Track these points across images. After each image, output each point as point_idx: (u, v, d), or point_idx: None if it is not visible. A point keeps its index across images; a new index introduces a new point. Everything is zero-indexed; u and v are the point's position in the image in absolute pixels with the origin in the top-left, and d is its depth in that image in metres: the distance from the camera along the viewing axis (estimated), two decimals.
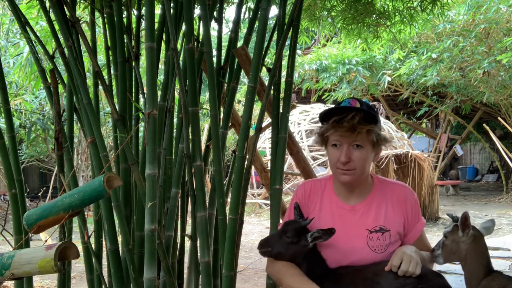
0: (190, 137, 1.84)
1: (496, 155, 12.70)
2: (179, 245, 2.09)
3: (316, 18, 2.91)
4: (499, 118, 9.46)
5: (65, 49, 1.97)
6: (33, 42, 2.18)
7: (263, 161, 2.62)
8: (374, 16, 2.85)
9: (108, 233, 1.88)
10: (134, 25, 2.10)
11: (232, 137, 9.43)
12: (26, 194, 2.27)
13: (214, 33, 2.55)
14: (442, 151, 12.45)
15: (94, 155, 1.93)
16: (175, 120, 2.07)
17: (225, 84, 2.14)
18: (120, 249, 1.89)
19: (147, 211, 1.61)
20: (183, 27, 1.91)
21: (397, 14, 2.83)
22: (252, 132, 1.97)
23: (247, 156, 1.87)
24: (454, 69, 8.08)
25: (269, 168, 2.04)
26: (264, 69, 2.01)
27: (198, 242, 1.88)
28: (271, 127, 1.97)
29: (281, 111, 1.94)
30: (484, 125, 9.29)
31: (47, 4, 2.00)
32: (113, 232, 1.90)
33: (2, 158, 2.12)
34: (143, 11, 1.96)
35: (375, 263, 1.45)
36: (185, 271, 2.15)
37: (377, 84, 9.38)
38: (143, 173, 1.66)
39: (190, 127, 1.84)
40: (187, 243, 2.02)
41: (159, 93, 1.84)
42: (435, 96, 10.59)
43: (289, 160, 7.28)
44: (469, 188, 12.98)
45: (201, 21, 1.94)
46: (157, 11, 2.07)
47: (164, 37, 2.08)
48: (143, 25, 1.91)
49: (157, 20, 1.99)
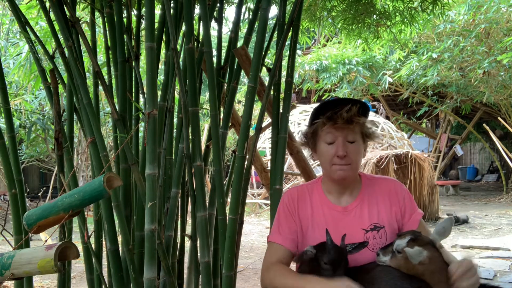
0: (190, 137, 1.84)
1: (496, 155, 12.70)
2: (179, 245, 2.09)
3: (317, 18, 2.91)
4: (499, 118, 9.46)
5: (65, 49, 1.97)
6: (33, 42, 2.18)
7: (263, 161, 2.62)
8: (375, 16, 2.85)
9: (108, 233, 1.88)
10: (134, 25, 2.10)
11: (232, 137, 9.43)
12: (26, 194, 2.27)
13: (214, 33, 2.55)
14: (442, 151, 12.46)
15: (94, 155, 1.93)
16: (175, 120, 2.07)
17: (225, 84, 2.14)
18: (120, 249, 1.88)
19: (147, 211, 1.60)
20: (183, 27, 1.91)
21: (397, 14, 2.83)
22: (252, 132, 1.97)
23: (247, 156, 1.87)
24: (454, 69, 8.08)
25: (269, 168, 2.04)
26: (264, 69, 2.02)
27: (198, 242, 1.88)
28: (271, 127, 1.97)
29: (281, 111, 1.94)
30: (484, 125, 9.30)
31: (47, 4, 2.00)
32: (113, 232, 1.90)
33: (2, 158, 2.12)
34: (143, 11, 1.96)
35: (370, 264, 1.44)
36: (185, 271, 2.15)
37: (377, 84, 9.38)
38: (143, 173, 1.66)
39: (190, 127, 1.84)
40: (187, 243, 2.02)
41: (159, 93, 1.84)
42: (435, 96, 10.59)
43: (289, 160, 7.28)
44: (469, 188, 12.98)
45: (201, 21, 1.94)
46: (157, 11, 2.08)
47: (164, 37, 2.08)
48: (143, 25, 1.91)
49: (157, 20, 1.99)
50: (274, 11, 14.00)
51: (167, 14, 1.75)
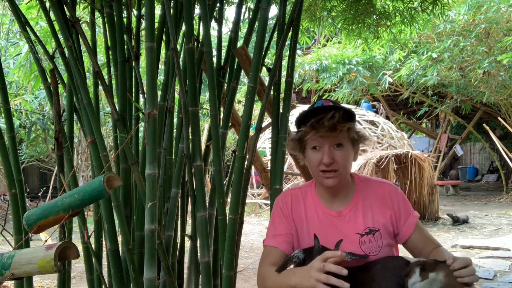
0: (190, 137, 1.84)
1: (496, 155, 12.70)
2: (179, 245, 2.09)
3: (317, 18, 2.91)
4: (499, 118, 9.46)
5: (65, 49, 1.97)
6: (33, 42, 2.18)
7: (263, 161, 2.62)
8: (375, 16, 2.85)
9: (108, 233, 1.88)
10: (134, 25, 2.10)
11: (232, 137, 9.43)
12: (26, 194, 2.27)
13: (214, 33, 2.55)
14: (442, 151, 12.46)
15: (94, 155, 1.93)
16: (175, 120, 2.07)
17: (225, 84, 2.14)
18: (120, 249, 1.88)
19: (147, 211, 1.60)
20: (183, 27, 1.91)
21: (397, 14, 2.83)
22: (252, 132, 1.97)
23: (247, 156, 1.87)
24: (454, 69, 8.08)
25: (269, 168, 2.04)
26: (264, 69, 2.02)
27: (198, 242, 1.88)
28: (271, 127, 1.97)
29: (281, 111, 1.94)
30: (484, 125, 9.29)
31: (47, 4, 2.00)
32: (113, 232, 1.90)
33: (2, 158, 2.12)
34: (143, 11, 1.96)
35: (369, 264, 1.44)
36: (185, 271, 2.15)
37: (377, 84, 9.38)
38: (143, 173, 1.66)
39: (190, 127, 1.84)
40: (187, 243, 2.02)
41: (159, 93, 1.84)
42: (435, 96, 10.59)
43: (289, 160, 7.28)
44: (469, 188, 12.98)
45: (201, 21, 1.94)
46: (157, 11, 2.08)
47: (164, 37, 2.08)
48: (143, 25, 1.91)
49: (157, 20, 1.99)
50: (274, 11, 14.01)
51: (167, 14, 1.75)
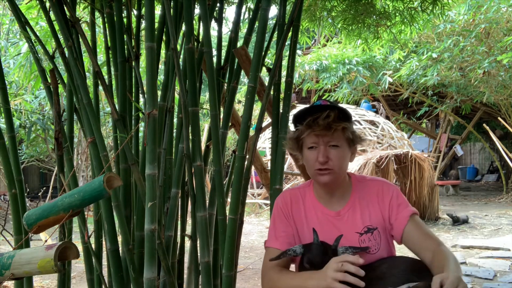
0: (190, 137, 1.84)
1: (496, 155, 12.70)
2: (179, 245, 2.09)
3: (317, 18, 2.91)
4: (499, 118, 9.45)
5: (65, 49, 1.97)
6: (33, 42, 2.18)
7: (263, 161, 2.62)
8: (375, 16, 2.85)
9: (108, 233, 1.88)
10: (134, 25, 2.10)
11: (232, 137, 9.43)
12: (26, 194, 2.27)
13: (214, 33, 2.55)
14: (442, 151, 12.45)
15: (94, 155, 1.93)
16: (175, 120, 2.07)
17: (225, 84, 2.14)
18: (120, 249, 1.88)
19: (147, 211, 1.60)
20: (183, 27, 1.91)
21: (397, 14, 2.83)
22: (252, 132, 1.97)
23: (247, 156, 1.87)
24: (454, 69, 8.08)
25: (269, 168, 2.04)
26: (264, 69, 2.02)
27: (198, 242, 1.88)
28: (271, 127, 1.97)
29: (281, 111, 1.94)
30: (484, 125, 9.29)
31: (47, 4, 2.00)
32: (113, 232, 1.90)
33: (2, 158, 2.12)
34: (143, 11, 1.96)
35: (376, 262, 1.44)
36: (185, 271, 2.15)
37: (377, 84, 9.38)
38: (143, 173, 1.66)
39: (190, 127, 1.84)
40: (187, 243, 2.02)
41: (159, 93, 1.84)
42: (435, 96, 10.59)
43: (289, 160, 7.28)
44: (469, 188, 12.97)
45: (201, 21, 1.94)
46: (157, 11, 2.07)
47: (164, 37, 2.08)
48: (143, 25, 1.91)
49: (157, 20, 1.99)
50: (274, 11, 14.02)
51: (167, 14, 1.75)
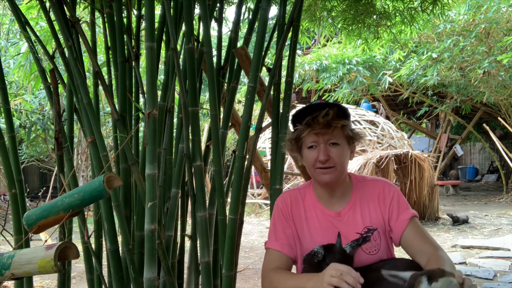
0: (190, 137, 1.84)
1: (496, 155, 12.70)
2: (179, 245, 2.09)
3: (317, 18, 2.91)
4: (499, 118, 9.45)
5: (65, 49, 1.97)
6: (33, 42, 2.18)
7: (263, 161, 2.62)
8: (375, 16, 2.85)
9: (108, 233, 1.88)
10: (134, 25, 2.10)
11: (232, 137, 9.43)
12: (26, 194, 2.27)
13: (214, 33, 2.55)
14: (442, 151, 12.45)
15: (94, 155, 1.93)
16: (175, 120, 2.07)
17: (225, 84, 2.14)
18: (120, 249, 1.88)
19: (147, 211, 1.61)
20: (183, 27, 1.91)
21: (397, 14, 2.83)
22: (252, 132, 1.97)
23: (247, 156, 1.87)
24: (454, 69, 8.08)
25: (269, 168, 2.04)
26: (264, 69, 2.02)
27: (198, 242, 1.88)
28: (271, 127, 1.97)
29: (281, 111, 1.94)
30: (484, 125, 9.29)
31: (47, 4, 2.00)
32: (113, 232, 1.90)
33: (2, 158, 2.12)
34: (143, 11, 1.96)
35: (376, 264, 1.44)
36: (185, 271, 2.15)
37: (377, 84, 9.38)
38: (143, 173, 1.66)
39: (190, 127, 1.84)
40: (187, 243, 2.02)
41: (159, 93, 1.84)
42: (435, 96, 10.59)
43: (289, 160, 7.28)
44: (469, 188, 12.98)
45: (201, 21, 1.94)
46: (157, 11, 2.07)
47: (164, 37, 2.08)
48: (143, 25, 1.91)
49: (157, 20, 1.99)
50: (274, 11, 14.01)
51: (167, 14, 1.75)
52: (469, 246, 5.09)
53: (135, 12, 2.14)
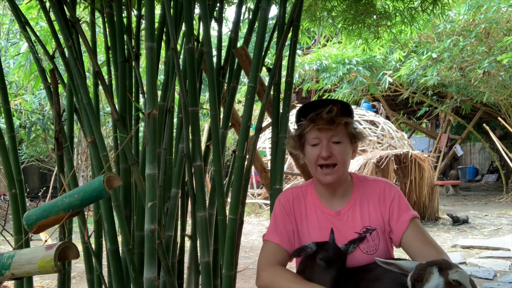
0: (190, 137, 1.84)
1: (496, 155, 12.70)
2: (179, 245, 2.09)
3: (317, 18, 2.91)
4: (499, 118, 9.45)
5: (65, 49, 1.97)
6: (33, 42, 2.18)
7: (263, 161, 2.62)
8: (375, 16, 2.85)
9: (108, 233, 1.88)
10: (134, 25, 2.10)
11: (232, 137, 9.43)
12: (26, 194, 2.27)
13: (214, 33, 2.55)
14: (442, 151, 12.45)
15: (94, 155, 1.93)
16: (175, 120, 2.07)
17: (225, 84, 2.14)
18: (120, 249, 1.88)
19: (147, 211, 1.60)
20: (183, 27, 1.91)
21: (397, 14, 2.83)
22: (252, 132, 1.97)
23: (247, 156, 1.87)
24: (454, 69, 8.08)
25: (269, 168, 2.04)
26: (264, 69, 2.02)
27: (198, 242, 1.88)
28: (271, 127, 1.97)
29: (281, 111, 1.94)
30: (484, 125, 9.29)
31: (47, 4, 2.00)
32: (113, 232, 1.90)
33: (2, 158, 2.12)
34: (143, 11, 1.96)
35: (373, 264, 1.44)
36: (185, 271, 2.15)
37: (377, 84, 9.38)
38: (143, 173, 1.66)
39: (190, 127, 1.84)
40: (187, 243, 2.02)
41: (159, 93, 1.84)
42: (435, 96, 10.59)
43: (289, 160, 7.27)
44: (469, 188, 12.97)
45: (201, 21, 1.94)
46: (157, 11, 2.07)
47: (164, 37, 2.08)
48: (143, 25, 1.91)
49: (157, 20, 1.99)
50: (274, 11, 14.00)
51: (167, 14, 1.75)
52: (469, 246, 5.09)
53: (135, 12, 2.14)
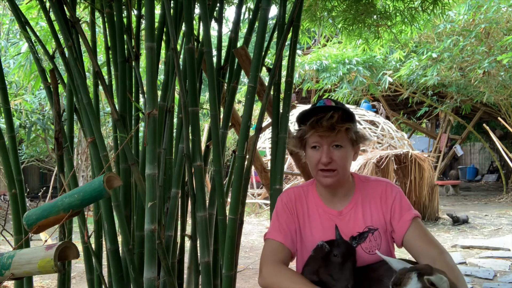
0: (190, 137, 1.84)
1: (496, 155, 12.70)
2: (179, 245, 2.09)
3: (317, 18, 2.91)
4: (499, 118, 9.45)
5: (65, 49, 1.97)
6: (33, 42, 2.18)
7: (263, 161, 2.62)
8: (375, 16, 2.85)
9: (108, 233, 1.88)
10: (134, 25, 2.10)
11: (232, 137, 9.43)
12: (26, 194, 2.27)
13: (214, 33, 2.55)
14: (442, 151, 12.45)
15: (94, 155, 1.93)
16: (175, 120, 2.07)
17: (225, 84, 2.14)
18: (120, 249, 1.88)
19: (147, 211, 1.60)
20: (183, 27, 1.91)
21: (398, 14, 2.83)
22: (252, 132, 1.97)
23: (247, 156, 1.87)
24: (454, 69, 8.08)
25: (269, 168, 2.04)
26: (264, 69, 2.02)
27: (198, 242, 1.88)
28: (271, 127, 1.97)
29: (281, 111, 1.94)
30: (484, 125, 9.29)
31: (47, 4, 2.00)
32: (113, 232, 1.90)
33: (2, 158, 2.12)
34: (143, 11, 1.96)
35: (375, 264, 1.44)
36: (185, 271, 2.15)
37: (377, 84, 9.38)
38: (143, 173, 1.66)
39: (190, 127, 1.84)
40: (187, 243, 2.02)
41: (159, 93, 1.84)
42: (435, 96, 10.59)
43: (289, 160, 7.27)
44: (469, 188, 12.97)
45: (201, 21, 1.94)
46: (157, 11, 2.07)
47: (164, 37, 2.08)
48: (143, 25, 1.91)
49: (157, 20, 1.99)
50: (274, 11, 14.00)
51: (167, 14, 1.75)
52: (469, 246, 5.09)
53: (135, 12, 2.14)
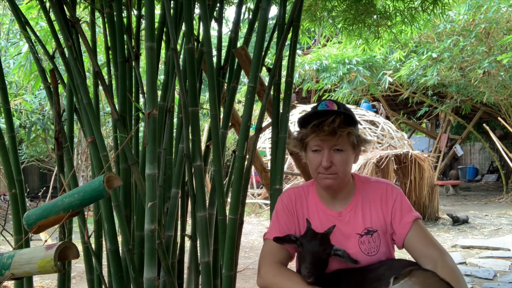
0: (190, 137, 1.84)
1: (496, 155, 12.70)
2: (179, 245, 2.09)
3: (317, 18, 2.91)
4: (499, 118, 9.45)
5: (65, 49, 1.97)
6: (33, 42, 2.18)
7: (263, 161, 2.62)
8: (375, 16, 2.85)
9: (108, 233, 1.88)
10: (134, 25, 2.10)
11: (232, 137, 9.43)
12: (26, 194, 2.27)
13: (214, 33, 2.55)
14: (442, 151, 12.45)
15: (94, 155, 1.93)
16: (175, 120, 2.07)
17: (225, 84, 2.14)
18: (120, 249, 1.88)
19: (147, 211, 1.60)
20: (183, 27, 1.91)
21: (398, 14, 2.83)
22: (252, 132, 1.97)
23: (247, 156, 1.87)
24: (454, 69, 8.08)
25: (269, 168, 2.04)
26: (264, 69, 2.02)
27: (198, 242, 1.88)
28: (271, 127, 1.97)
29: (281, 111, 1.94)
30: (484, 125, 9.29)
31: (47, 4, 2.00)
32: (113, 232, 1.90)
33: (2, 158, 2.12)
34: (143, 11, 1.96)
35: (375, 264, 1.44)
36: (185, 271, 2.15)
37: (377, 84, 9.38)
38: (143, 173, 1.66)
39: (190, 127, 1.84)
40: (187, 243, 2.02)
41: (159, 93, 1.84)
42: (435, 96, 10.59)
43: (289, 160, 7.28)
44: (469, 188, 12.97)
45: (201, 21, 1.94)
46: (157, 11, 2.07)
47: (164, 37, 2.08)
48: (143, 25, 1.91)
49: (157, 20, 1.99)
50: (274, 11, 14.01)
51: (167, 14, 1.75)
52: (469, 246, 5.09)
53: (135, 12, 2.14)
